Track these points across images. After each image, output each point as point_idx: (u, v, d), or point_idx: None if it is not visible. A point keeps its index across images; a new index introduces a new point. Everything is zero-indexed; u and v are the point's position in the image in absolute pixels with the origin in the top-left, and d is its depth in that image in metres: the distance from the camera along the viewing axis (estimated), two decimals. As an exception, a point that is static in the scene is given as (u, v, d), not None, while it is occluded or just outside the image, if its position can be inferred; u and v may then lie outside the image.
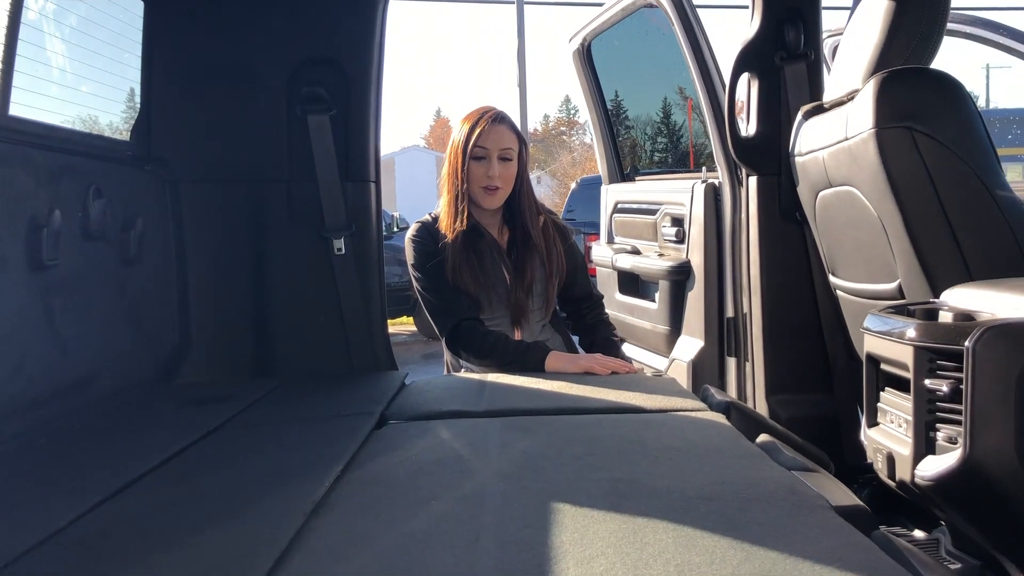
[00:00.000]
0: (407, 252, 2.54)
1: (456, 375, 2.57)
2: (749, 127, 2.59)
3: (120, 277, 2.31)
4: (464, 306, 2.46)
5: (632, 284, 3.47)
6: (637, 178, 3.83)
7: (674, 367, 2.95)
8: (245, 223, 2.59)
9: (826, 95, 2.24)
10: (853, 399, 2.41)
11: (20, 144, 1.92)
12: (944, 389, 1.44)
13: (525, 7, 16.06)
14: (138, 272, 2.37)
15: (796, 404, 2.54)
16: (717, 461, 1.52)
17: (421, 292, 2.51)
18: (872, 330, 1.67)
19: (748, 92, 2.60)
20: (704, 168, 2.92)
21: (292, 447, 1.73)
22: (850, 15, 2.17)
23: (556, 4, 17.97)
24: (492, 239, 2.54)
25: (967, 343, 1.37)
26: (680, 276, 2.99)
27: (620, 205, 3.68)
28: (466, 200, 2.46)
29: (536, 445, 1.61)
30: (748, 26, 2.56)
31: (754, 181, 2.58)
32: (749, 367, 2.68)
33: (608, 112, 3.92)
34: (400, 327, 10.28)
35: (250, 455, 1.68)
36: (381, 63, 2.64)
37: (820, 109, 2.23)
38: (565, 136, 56.05)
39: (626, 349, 3.50)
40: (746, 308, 2.67)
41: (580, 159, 35.32)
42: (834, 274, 2.35)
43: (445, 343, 2.50)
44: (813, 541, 1.11)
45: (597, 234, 3.86)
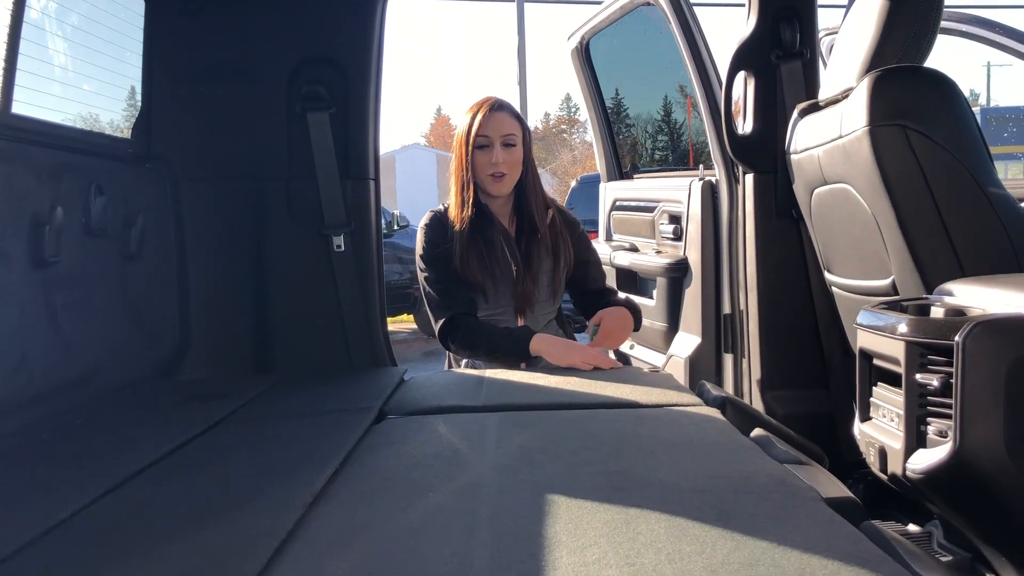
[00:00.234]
0: (417, 240, 2.56)
1: (455, 371, 2.59)
2: (745, 125, 2.61)
3: (121, 274, 2.32)
4: (461, 300, 2.46)
5: (630, 281, 3.49)
6: (636, 176, 3.85)
7: (672, 363, 2.97)
8: (245, 220, 2.61)
9: (822, 93, 2.26)
10: (849, 395, 2.42)
11: (23, 142, 1.94)
12: (935, 383, 1.46)
13: (525, 5, 16.07)
14: (139, 269, 2.39)
15: (792, 400, 2.56)
16: (711, 455, 1.54)
17: (423, 283, 2.52)
18: (865, 326, 1.69)
19: (744, 90, 2.62)
20: (702, 166, 2.94)
21: (292, 441, 1.75)
22: (845, 13, 2.19)
23: (557, 2, 17.99)
24: (502, 227, 2.54)
25: (957, 338, 1.38)
26: (677, 273, 3.01)
27: (618, 203, 3.70)
28: (472, 190, 2.47)
29: (532, 439, 1.63)
30: (744, 24, 2.58)
31: (750, 179, 2.60)
32: (746, 363, 2.70)
33: (607, 110, 3.94)
34: (401, 325, 10.30)
35: (250, 449, 1.70)
36: (380, 62, 2.65)
37: (815, 107, 2.25)
38: (566, 134, 56.05)
39: (624, 346, 3.52)
40: (743, 305, 2.69)
41: (581, 157, 35.35)
42: (829, 271, 2.37)
43: (437, 335, 2.51)
44: (802, 531, 1.13)
45: (596, 231, 3.88)
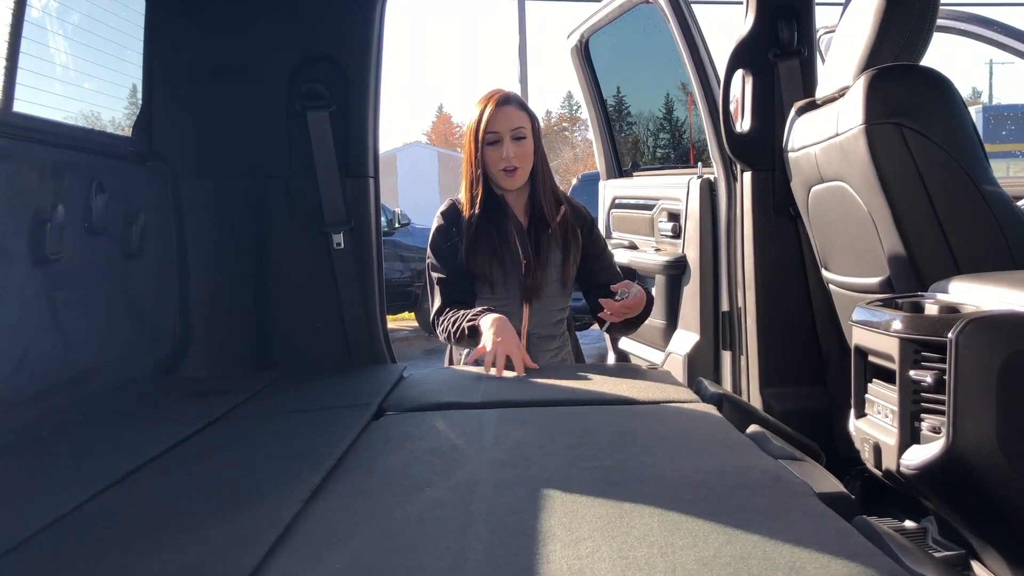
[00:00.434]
0: (431, 227, 2.58)
1: (453, 368, 2.60)
2: (743, 123, 2.62)
3: (122, 271, 2.34)
4: (457, 291, 2.47)
5: (629, 278, 3.49)
6: (635, 174, 3.86)
7: (670, 361, 2.98)
8: (245, 218, 2.63)
9: (819, 91, 2.27)
10: (846, 392, 2.43)
11: (24, 140, 1.95)
12: (928, 380, 1.47)
13: (526, 3, 16.08)
14: (140, 266, 2.41)
15: (790, 397, 2.58)
16: (706, 450, 1.55)
17: (427, 270, 2.53)
18: (859, 322, 1.70)
19: (743, 88, 2.63)
20: (700, 164, 2.95)
21: (291, 437, 1.76)
22: (842, 11, 2.20)
23: None
24: (515, 218, 2.53)
25: (950, 335, 1.39)
26: (676, 271, 3.02)
27: (618, 200, 3.71)
28: (481, 186, 2.47)
29: (529, 435, 1.64)
30: (742, 23, 2.59)
31: (748, 177, 2.61)
32: (744, 361, 2.71)
33: (606, 108, 3.95)
34: (401, 323, 10.32)
35: (249, 444, 1.72)
36: (380, 60, 2.67)
37: (812, 105, 2.26)
38: (567, 132, 55.99)
39: (623, 343, 3.54)
40: (741, 302, 2.70)
41: (582, 155, 35.31)
42: (826, 268, 2.38)
43: (431, 322, 2.52)
44: (795, 525, 1.14)
45: (596, 229, 3.88)
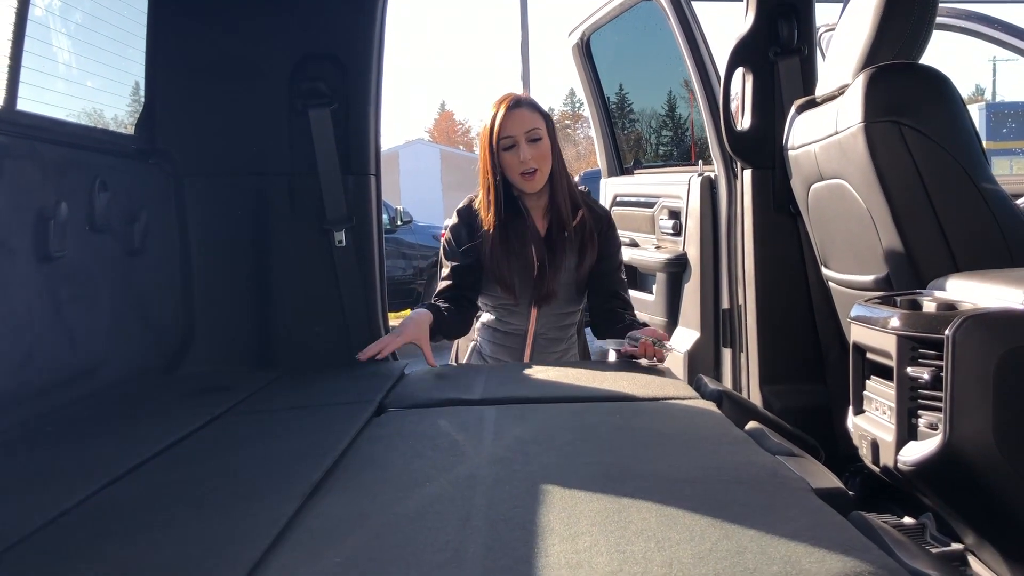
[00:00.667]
0: (447, 223, 2.61)
1: (454, 365, 2.61)
2: (744, 121, 2.63)
3: (125, 268, 2.35)
4: (451, 287, 2.51)
5: (630, 276, 3.50)
6: (636, 171, 3.87)
7: (670, 358, 2.99)
8: (247, 216, 2.64)
9: (819, 89, 2.28)
10: (845, 389, 2.44)
11: (28, 138, 1.96)
12: (925, 377, 1.48)
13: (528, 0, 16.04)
14: (143, 264, 2.42)
15: (790, 394, 2.59)
16: (705, 447, 1.56)
17: (439, 262, 2.56)
18: (858, 320, 1.71)
19: (743, 86, 2.63)
20: (701, 162, 2.96)
21: (292, 433, 1.77)
22: (842, 10, 2.21)
23: (560, -2, 17.94)
24: (532, 222, 2.53)
25: (947, 332, 1.40)
26: (677, 268, 3.04)
27: (619, 198, 3.72)
28: (495, 193, 2.47)
29: (529, 431, 1.65)
30: (742, 21, 2.59)
31: (749, 174, 2.62)
32: (744, 358, 2.72)
33: (608, 106, 3.96)
34: (403, 320, 10.31)
35: (251, 440, 1.73)
36: (381, 58, 2.67)
37: (812, 103, 2.27)
38: (570, 130, 55.94)
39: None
40: (741, 300, 2.71)
41: (584, 152, 35.34)
42: (826, 266, 2.39)
43: None
44: (791, 521, 1.15)
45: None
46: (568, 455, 1.49)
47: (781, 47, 2.55)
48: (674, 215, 3.12)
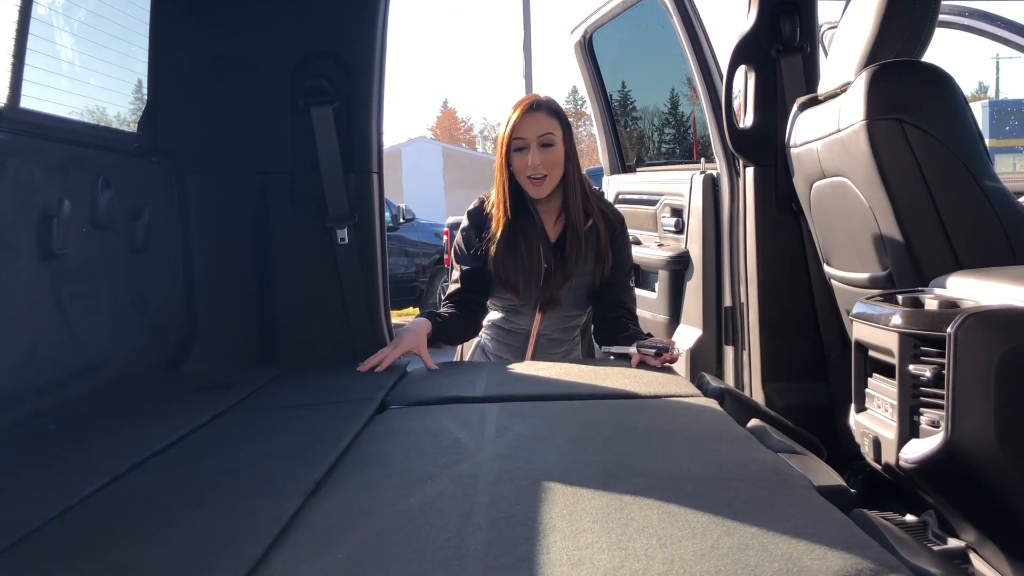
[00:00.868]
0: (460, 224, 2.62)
1: (457, 363, 2.61)
2: (746, 119, 2.63)
3: (128, 266, 2.35)
4: (460, 291, 2.50)
5: (633, 274, 3.50)
6: (639, 169, 3.87)
7: (672, 356, 2.99)
8: (250, 213, 2.64)
9: (821, 87, 2.28)
10: (847, 387, 2.44)
11: (31, 136, 1.97)
12: (927, 374, 1.48)
13: (531, -2, 16.02)
14: (145, 261, 2.42)
15: (792, 392, 2.59)
16: (707, 444, 1.56)
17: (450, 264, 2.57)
18: (860, 317, 1.71)
19: (745, 84, 2.63)
20: (703, 160, 2.95)
21: (295, 430, 1.78)
22: (845, 7, 2.20)
23: (563, -5, 17.92)
24: (541, 226, 2.51)
25: (949, 329, 1.40)
26: (679, 266, 3.03)
27: (621, 196, 3.72)
28: (507, 194, 2.46)
29: (531, 429, 1.65)
30: (745, 19, 2.59)
31: (751, 172, 2.62)
32: (746, 356, 2.72)
33: (610, 104, 3.95)
34: (405, 318, 10.32)
35: (253, 438, 1.73)
36: (383, 56, 2.67)
37: (815, 101, 2.27)
38: (572, 127, 55.93)
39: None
40: (743, 297, 2.71)
41: (587, 150, 35.28)
42: (828, 264, 2.39)
43: None
44: (792, 518, 1.16)
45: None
46: (570, 452, 1.50)
47: (783, 45, 2.55)
48: (676, 213, 3.12)
